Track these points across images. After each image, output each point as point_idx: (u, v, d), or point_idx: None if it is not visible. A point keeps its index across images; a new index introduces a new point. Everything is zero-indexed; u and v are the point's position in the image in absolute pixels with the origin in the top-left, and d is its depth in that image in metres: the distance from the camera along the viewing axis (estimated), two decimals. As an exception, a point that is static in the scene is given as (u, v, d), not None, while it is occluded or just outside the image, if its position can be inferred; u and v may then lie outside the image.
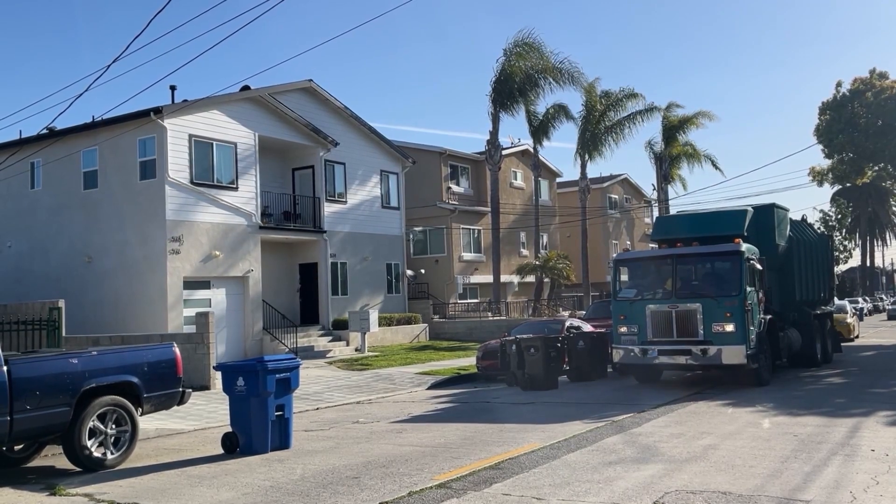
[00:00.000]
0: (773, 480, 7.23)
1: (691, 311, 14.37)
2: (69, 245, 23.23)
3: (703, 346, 14.25)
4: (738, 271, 14.44)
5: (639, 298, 15.18)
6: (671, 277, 15.15)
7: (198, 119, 22.37)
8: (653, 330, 14.74)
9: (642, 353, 14.81)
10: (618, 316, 15.30)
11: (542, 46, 33.20)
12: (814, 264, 19.28)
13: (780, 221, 17.61)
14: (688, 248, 15.39)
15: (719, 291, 14.48)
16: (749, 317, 14.21)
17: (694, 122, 40.96)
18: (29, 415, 8.36)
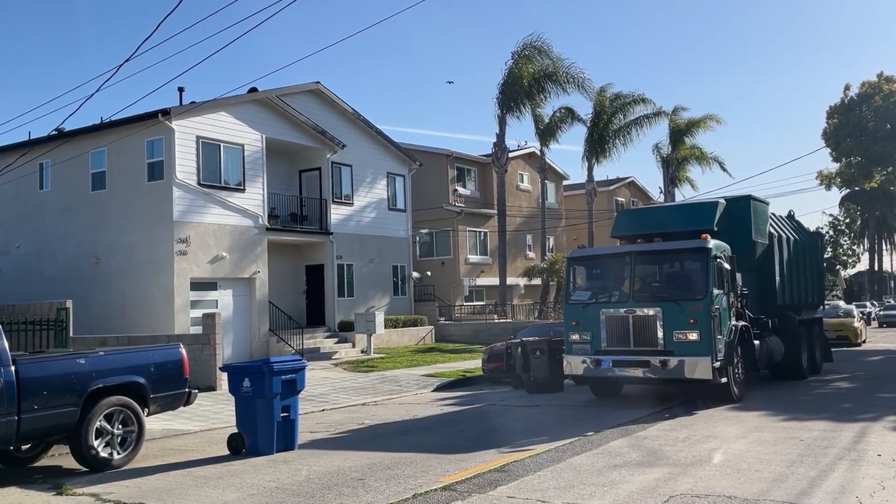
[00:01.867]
0: (778, 485, 7.21)
1: (650, 317, 12.58)
2: (77, 246, 23.33)
3: (662, 356, 12.40)
4: (705, 271, 12.60)
5: (592, 302, 13.37)
6: (629, 278, 13.26)
7: (205, 121, 22.46)
8: (607, 338, 12.97)
9: (595, 363, 13.04)
10: (570, 321, 13.60)
11: (551, 50, 33.19)
12: (800, 265, 17.65)
13: (759, 216, 15.56)
14: (647, 245, 13.68)
15: (682, 294, 12.72)
16: (716, 323, 12.43)
17: (701, 125, 40.90)
18: (36, 414, 8.40)
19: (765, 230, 15.81)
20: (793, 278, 17.02)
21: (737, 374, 13.09)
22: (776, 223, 17.01)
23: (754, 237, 15.11)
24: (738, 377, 13.16)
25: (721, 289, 12.80)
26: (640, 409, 12.51)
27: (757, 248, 15.35)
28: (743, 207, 15.24)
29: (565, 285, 14.27)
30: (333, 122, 27.31)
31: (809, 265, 18.36)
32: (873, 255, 71.72)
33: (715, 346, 12.31)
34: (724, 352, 12.59)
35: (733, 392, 12.84)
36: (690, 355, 12.23)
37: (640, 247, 13.69)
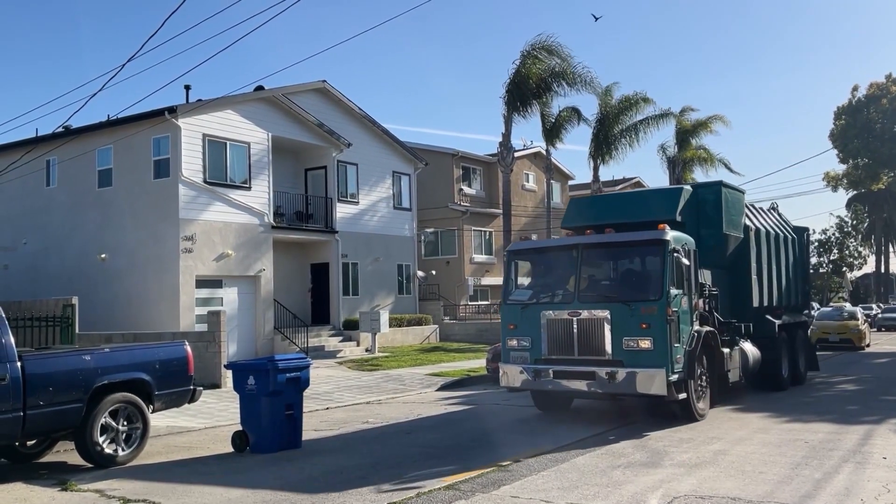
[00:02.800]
0: (783, 487, 7.20)
1: (597, 321, 10.80)
2: (83, 243, 23.41)
3: (610, 367, 10.62)
4: (661, 267, 10.81)
5: (532, 302, 11.61)
6: (575, 275, 11.42)
7: (212, 119, 22.50)
8: (548, 344, 11.19)
9: (534, 374, 11.24)
10: (507, 325, 11.76)
11: (561, 50, 33.15)
12: (781, 262, 15.92)
13: (732, 205, 13.61)
14: (595, 237, 11.84)
15: (634, 294, 10.98)
16: (674, 329, 10.62)
17: (707, 126, 40.83)
18: (42, 410, 8.43)
19: (739, 222, 13.96)
20: (772, 277, 15.31)
21: (700, 388, 11.33)
22: (753, 215, 15.31)
23: (726, 229, 13.21)
24: (702, 392, 11.44)
25: (680, 288, 11.02)
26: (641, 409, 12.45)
27: (729, 243, 13.56)
28: (712, 195, 13.32)
29: (504, 283, 12.32)
30: (339, 120, 27.33)
31: (793, 263, 16.73)
32: (880, 256, 71.49)
33: (671, 355, 10.50)
34: (683, 362, 10.79)
35: (695, 410, 11.02)
36: (642, 366, 10.44)
37: (588, 238, 11.82)
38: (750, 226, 14.48)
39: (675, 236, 11.25)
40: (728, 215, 13.37)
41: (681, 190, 13.18)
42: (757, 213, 15.69)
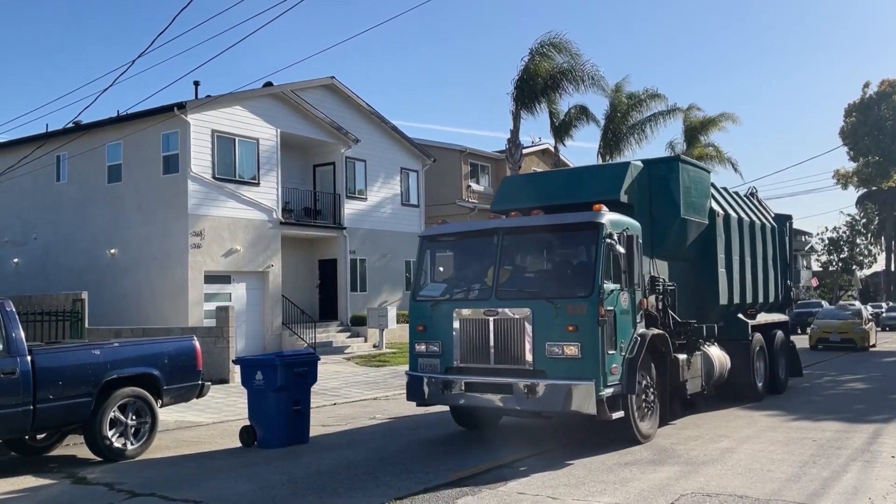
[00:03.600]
0: (790, 485, 7.19)
1: (516, 322, 8.92)
2: (93, 238, 23.53)
3: (529, 379, 8.72)
4: (593, 257, 8.93)
5: (444, 299, 9.75)
6: (494, 266, 9.50)
7: (221, 115, 22.56)
8: (461, 349, 9.31)
9: (443, 386, 9.35)
10: (415, 326, 9.89)
11: (570, 47, 33.06)
12: (757, 254, 14.01)
13: (693, 186, 11.59)
14: (517, 219, 9.92)
15: (560, 289, 9.03)
16: (608, 332, 8.73)
17: (717, 123, 40.69)
18: (52, 404, 8.49)
19: (703, 206, 12.01)
20: (745, 271, 13.37)
21: (645, 404, 9.46)
22: (722, 198, 13.40)
23: (685, 213, 11.24)
24: (647, 408, 9.52)
25: (618, 282, 9.07)
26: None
27: (690, 229, 11.56)
28: (668, 173, 11.27)
29: (415, 276, 10.44)
30: (348, 116, 27.35)
31: (772, 255, 14.81)
32: (890, 255, 71.11)
33: (604, 364, 8.63)
34: (620, 373, 8.95)
35: (636, 431, 9.18)
36: (567, 378, 8.57)
37: (509, 222, 9.87)
38: (718, 210, 12.55)
39: (613, 219, 9.25)
40: (688, 197, 11.36)
41: (627, 165, 11.04)
42: (728, 197, 13.76)
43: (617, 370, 8.91)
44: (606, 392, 8.65)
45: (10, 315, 8.50)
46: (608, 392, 8.68)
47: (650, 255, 10.51)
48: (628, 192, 10.62)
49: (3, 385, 8.13)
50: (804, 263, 67.51)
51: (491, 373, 9.11)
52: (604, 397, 8.59)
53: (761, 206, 15.56)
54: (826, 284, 60.91)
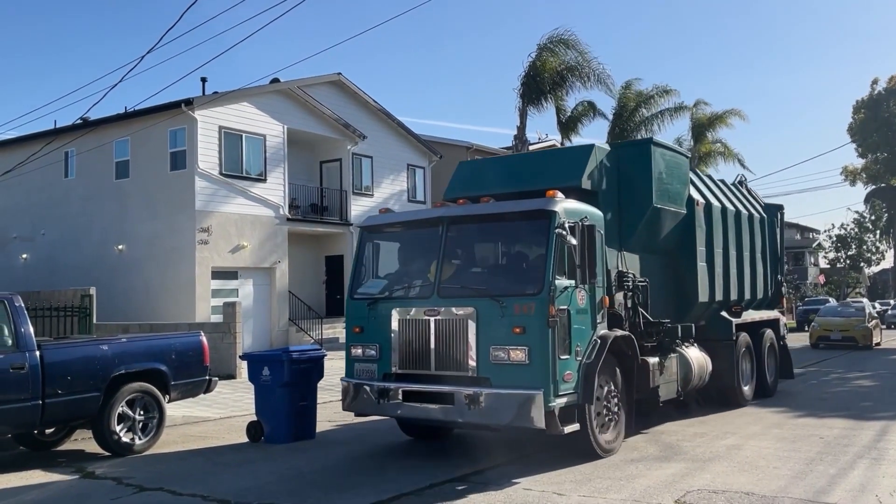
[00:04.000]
0: (797, 482, 7.18)
1: (459, 322, 7.98)
2: (101, 234, 23.62)
3: (472, 388, 7.79)
4: (543, 250, 7.99)
5: (383, 297, 8.81)
6: (437, 260, 8.50)
7: (228, 111, 22.61)
8: (400, 354, 8.38)
9: (380, 394, 8.42)
10: (352, 327, 9.00)
11: (578, 43, 32.97)
12: (744, 247, 12.94)
13: (669, 172, 10.53)
14: (463, 207, 8.94)
15: (507, 286, 8.18)
16: (561, 334, 7.80)
17: (724, 120, 40.57)
18: (60, 399, 8.54)
19: (680, 194, 10.95)
20: (730, 265, 12.34)
21: (608, 413, 8.51)
22: (704, 186, 12.32)
23: (658, 201, 10.18)
24: (610, 419, 8.56)
25: (572, 278, 8.09)
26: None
27: (664, 219, 10.57)
28: (638, 157, 10.26)
29: (353, 270, 9.45)
30: (354, 113, 27.37)
31: (760, 248, 13.75)
32: (899, 252, 70.71)
33: (556, 371, 7.67)
34: (576, 380, 7.98)
35: (595, 444, 8.19)
36: (513, 387, 7.63)
37: (454, 210, 8.92)
38: (697, 199, 11.46)
39: (568, 207, 8.25)
40: (661, 183, 10.30)
41: (590, 148, 9.88)
42: (711, 185, 12.74)
43: (571, 377, 7.92)
44: (558, 402, 7.68)
45: (19, 310, 8.55)
46: (560, 402, 7.71)
47: (618, 248, 9.65)
48: (592, 177, 9.58)
49: (13, 380, 8.18)
50: (812, 260, 67.27)
51: (432, 380, 8.16)
52: (555, 408, 7.60)
53: (750, 196, 14.40)
54: (834, 281, 60.66)
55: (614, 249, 9.52)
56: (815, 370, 18.74)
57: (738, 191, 13.98)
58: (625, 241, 9.87)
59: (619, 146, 10.75)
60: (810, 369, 18.94)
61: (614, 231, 9.61)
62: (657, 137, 10.77)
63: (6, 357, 8.22)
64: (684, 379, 10.52)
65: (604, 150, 10.03)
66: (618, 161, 10.15)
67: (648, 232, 10.35)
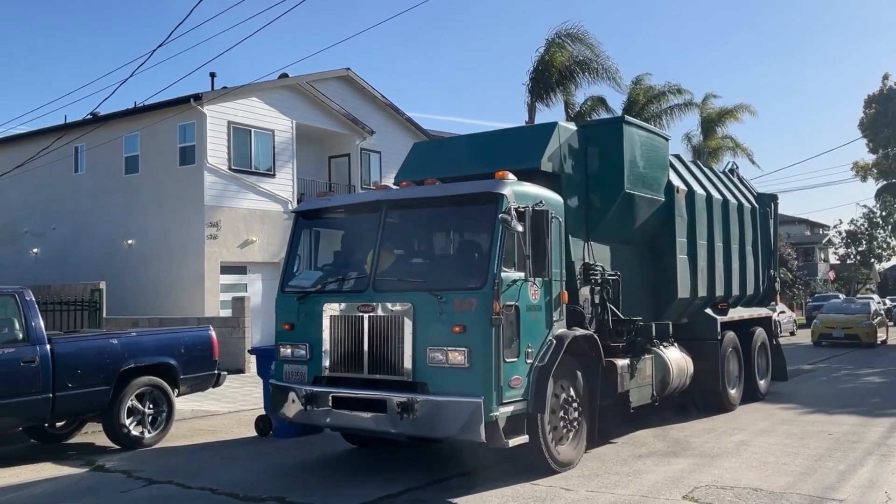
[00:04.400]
0: (805, 478, 7.16)
1: (394, 319, 7.16)
2: (111, 229, 23.73)
3: (405, 394, 6.94)
4: (489, 238, 7.13)
5: (314, 290, 7.96)
6: (374, 249, 7.65)
7: (237, 106, 22.65)
8: (331, 354, 7.53)
9: (308, 400, 7.51)
10: (281, 324, 8.11)
11: (587, 37, 32.84)
12: (732, 239, 12.03)
13: (643, 155, 9.55)
14: (403, 191, 8.16)
15: (448, 279, 7.39)
16: (507, 334, 6.94)
17: (734, 114, 40.38)
18: (70, 392, 8.60)
19: (658, 179, 9.97)
20: (715, 258, 11.38)
21: (566, 423, 7.67)
22: (688, 172, 11.37)
23: (631, 187, 9.21)
24: (569, 429, 7.73)
25: (522, 270, 7.17)
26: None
27: (639, 207, 9.60)
28: (609, 137, 9.25)
29: (285, 261, 8.64)
30: (363, 108, 27.37)
31: (751, 240, 12.80)
32: (910, 248, 70.28)
33: (499, 376, 6.78)
34: (526, 385, 7.13)
35: (550, 457, 7.38)
36: (451, 394, 6.79)
37: (393, 193, 8.07)
38: (679, 186, 10.54)
39: (519, 191, 7.39)
40: (634, 167, 9.33)
41: (553, 126, 8.85)
42: (696, 172, 11.75)
43: (520, 382, 7.02)
44: (503, 411, 6.79)
45: (30, 304, 8.61)
46: (505, 411, 6.83)
47: (585, 238, 8.80)
48: (553, 159, 8.57)
49: (24, 373, 8.25)
50: (822, 256, 66.97)
51: (365, 385, 7.29)
52: (497, 418, 6.72)
53: (742, 185, 13.48)
54: (844, 277, 60.37)
55: (580, 239, 8.71)
56: (825, 366, 18.69)
57: (728, 179, 13.07)
58: (593, 230, 8.95)
59: (587, 125, 9.83)
60: (820, 365, 18.89)
61: (581, 219, 8.77)
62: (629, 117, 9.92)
63: (17, 350, 8.29)
64: (661, 382, 9.65)
65: (569, 129, 9.07)
66: (586, 142, 9.16)
67: (620, 220, 9.38)
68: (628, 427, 9.64)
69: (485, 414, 6.62)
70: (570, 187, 8.67)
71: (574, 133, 9.09)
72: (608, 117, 11.78)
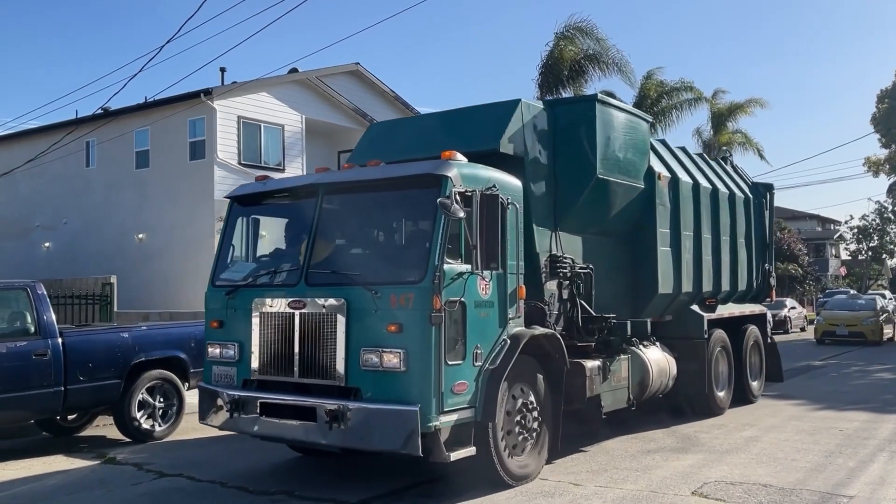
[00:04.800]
0: (815, 474, 7.14)
1: (327, 317, 6.48)
2: (121, 223, 23.85)
3: (336, 401, 6.27)
4: (430, 226, 6.43)
5: (244, 284, 7.27)
6: (308, 238, 6.99)
7: (246, 101, 22.70)
8: (261, 355, 6.87)
9: (236, 406, 6.86)
10: (210, 321, 7.46)
11: (595, 30, 32.71)
12: (722, 230, 11.16)
13: (619, 137, 8.72)
14: (339, 173, 7.72)
15: (385, 272, 6.65)
16: (450, 333, 6.24)
17: (744, 109, 40.13)
18: (82, 386, 8.66)
19: (637, 165, 9.09)
20: (702, 251, 10.53)
21: (522, 431, 6.97)
22: (671, 158, 10.51)
23: (603, 172, 8.38)
24: (526, 438, 7.01)
25: (469, 262, 6.42)
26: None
27: (613, 194, 8.76)
28: (580, 117, 8.41)
29: (218, 250, 7.86)
30: (372, 103, 27.36)
31: (744, 232, 12.00)
32: (922, 244, 69.78)
33: (439, 381, 6.09)
34: (473, 391, 6.43)
35: (503, 470, 6.67)
36: (386, 401, 6.13)
37: (331, 176, 7.41)
38: (660, 172, 9.69)
39: (467, 173, 6.63)
40: (609, 150, 8.52)
41: (515, 104, 8.00)
42: (681, 158, 10.85)
43: (466, 388, 6.33)
44: (444, 420, 6.11)
45: (42, 298, 8.67)
46: (448, 420, 6.16)
47: (552, 228, 8.06)
48: (516, 140, 7.81)
49: (35, 366, 8.31)
50: (833, 252, 66.60)
51: (297, 389, 6.61)
52: (438, 428, 6.06)
53: (735, 173, 12.71)
54: (855, 273, 60.05)
55: (547, 229, 7.98)
56: (835, 363, 18.60)
57: (721, 167, 12.31)
58: (562, 219, 8.18)
59: (555, 103, 8.93)
60: (830, 362, 18.81)
61: (548, 207, 8.04)
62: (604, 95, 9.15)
63: (29, 344, 8.35)
64: (640, 384, 8.91)
65: (534, 107, 8.28)
66: (554, 122, 8.37)
67: (593, 209, 8.58)
68: (637, 422, 9.62)
69: (422, 423, 5.95)
70: (535, 171, 7.93)
71: (541, 112, 8.30)
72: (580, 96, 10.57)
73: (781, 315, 31.10)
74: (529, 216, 7.54)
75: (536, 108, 8.29)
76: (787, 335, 29.70)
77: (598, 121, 8.34)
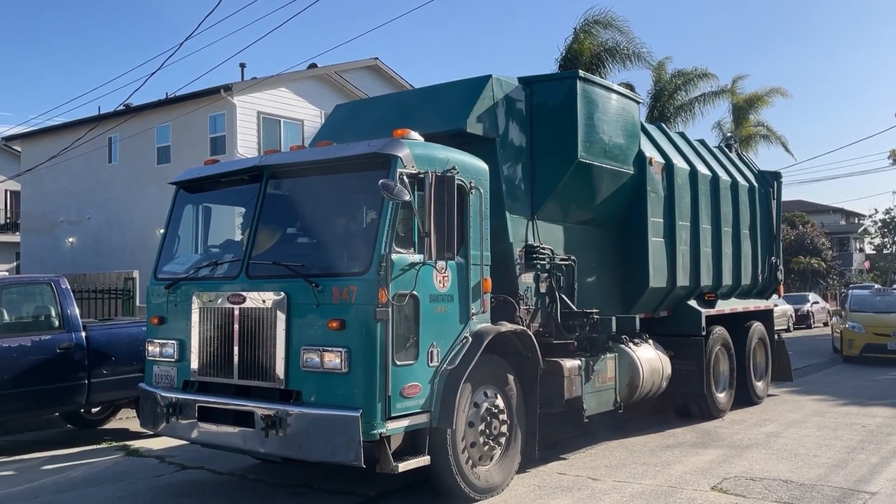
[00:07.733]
0: (837, 470, 7.08)
1: (266, 313, 5.93)
2: (144, 218, 24.08)
3: (274, 405, 5.73)
4: (377, 212, 5.87)
5: (184, 277, 6.75)
6: (250, 226, 6.50)
7: (266, 96, 22.83)
8: (201, 354, 6.34)
9: (173, 409, 6.33)
10: (150, 317, 6.94)
11: (616, 22, 32.45)
12: (724, 220, 10.38)
13: (606, 119, 8.09)
14: (283, 155, 7.17)
15: (329, 262, 6.03)
16: (400, 330, 5.67)
17: (765, 100, 39.61)
18: (105, 379, 8.79)
19: (626, 149, 8.45)
20: (700, 242, 9.81)
21: (488, 439, 6.32)
22: (666, 142, 9.83)
23: (585, 155, 7.75)
24: (493, 447, 6.38)
25: (422, 252, 5.79)
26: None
27: (598, 180, 8.17)
28: (560, 95, 7.78)
29: (162, 240, 7.41)
30: (391, 97, 27.41)
31: (748, 223, 11.21)
32: (947, 238, 68.73)
33: (386, 383, 5.52)
34: (428, 394, 5.84)
35: (463, 482, 6.03)
36: (327, 405, 5.57)
37: (274, 158, 6.84)
38: (652, 157, 9.02)
39: (421, 154, 6.02)
40: (592, 133, 7.86)
41: (485, 80, 7.33)
42: (678, 142, 10.17)
43: (419, 391, 5.74)
44: (391, 427, 5.55)
45: (66, 293, 8.79)
46: (396, 427, 5.60)
47: (529, 216, 7.48)
48: (485, 119, 7.18)
49: (60, 360, 8.44)
50: (857, 246, 65.77)
51: (236, 392, 6.07)
52: (384, 436, 5.50)
53: (740, 161, 11.99)
54: (880, 267, 59.27)
55: (523, 217, 7.40)
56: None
57: (724, 153, 11.55)
58: (539, 206, 7.58)
59: (533, 80, 7.92)
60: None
61: (524, 193, 7.49)
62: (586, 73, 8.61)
63: (53, 338, 8.48)
64: (629, 385, 8.26)
65: (508, 84, 7.54)
66: (531, 101, 7.73)
67: (575, 196, 7.99)
68: (656, 417, 9.58)
69: (364, 431, 5.36)
70: (508, 154, 7.34)
71: (517, 89, 7.61)
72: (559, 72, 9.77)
73: (804, 309, 30.80)
74: (502, 202, 7.00)
75: (511, 86, 7.57)
76: (810, 330, 29.41)
77: (579, 99, 7.70)
